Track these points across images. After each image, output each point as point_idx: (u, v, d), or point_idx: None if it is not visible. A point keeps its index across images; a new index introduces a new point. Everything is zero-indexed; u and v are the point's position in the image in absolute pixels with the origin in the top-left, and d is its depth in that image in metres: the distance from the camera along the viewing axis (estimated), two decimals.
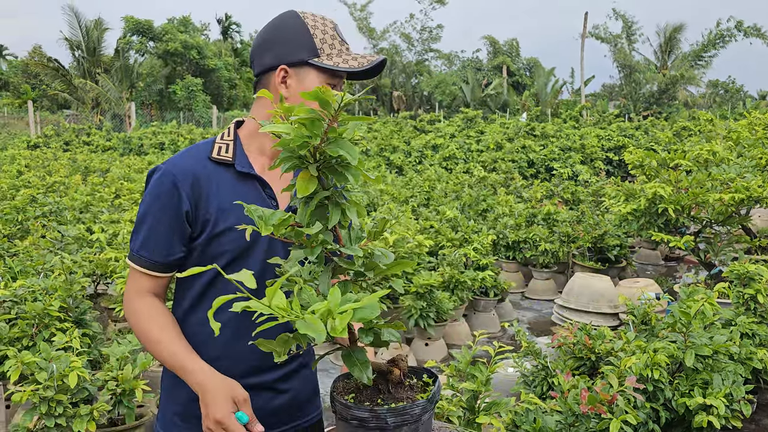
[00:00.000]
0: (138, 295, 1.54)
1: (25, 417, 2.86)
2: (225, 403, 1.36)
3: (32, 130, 23.13)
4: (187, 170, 1.49)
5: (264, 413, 1.59)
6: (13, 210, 6.67)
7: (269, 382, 1.60)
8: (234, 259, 1.51)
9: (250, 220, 1.51)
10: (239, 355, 1.55)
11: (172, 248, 1.51)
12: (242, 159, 1.55)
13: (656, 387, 3.00)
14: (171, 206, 1.48)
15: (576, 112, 19.63)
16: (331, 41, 1.55)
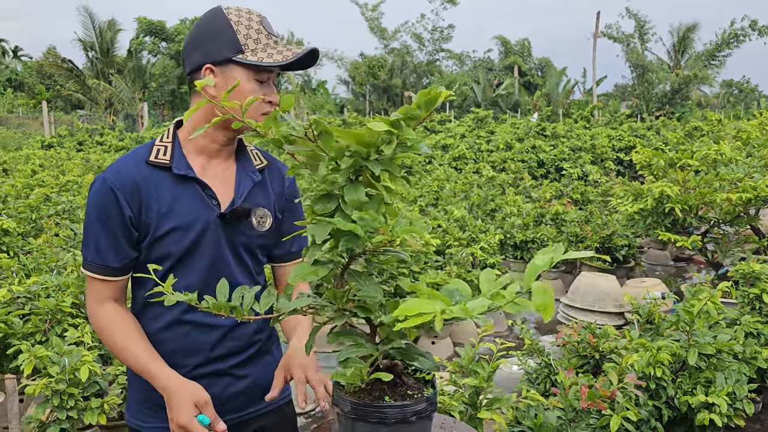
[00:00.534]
0: (98, 303, 1.58)
1: (37, 409, 2.93)
2: (187, 407, 1.42)
3: (46, 130, 23.38)
4: (125, 177, 1.52)
5: (224, 398, 1.65)
6: (27, 209, 6.79)
7: (225, 369, 1.66)
8: (179, 260, 1.56)
9: (192, 221, 1.56)
10: (191, 347, 1.61)
11: (122, 252, 1.55)
12: (180, 161, 1.56)
13: (659, 385, 3.03)
14: (114, 214, 1.51)
15: (587, 113, 19.58)
16: (256, 36, 1.53)
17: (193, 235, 1.54)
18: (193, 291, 1.55)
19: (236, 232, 1.61)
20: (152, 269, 1.56)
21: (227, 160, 1.65)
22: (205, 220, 1.56)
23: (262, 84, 1.54)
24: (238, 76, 1.51)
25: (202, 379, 1.59)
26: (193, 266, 1.57)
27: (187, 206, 1.55)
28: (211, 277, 1.57)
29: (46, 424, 2.94)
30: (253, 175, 1.65)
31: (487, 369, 2.69)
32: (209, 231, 1.56)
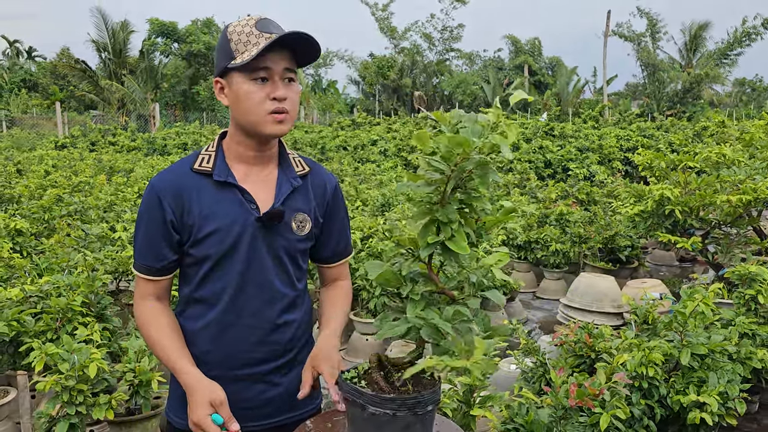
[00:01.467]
0: (141, 299, 1.70)
1: (48, 405, 3.04)
2: (202, 406, 1.49)
3: (60, 131, 23.64)
4: (170, 184, 1.63)
5: (257, 404, 1.72)
6: (39, 209, 6.92)
7: (260, 374, 1.71)
8: (218, 261, 1.64)
9: (230, 224, 1.65)
10: (227, 349, 1.68)
11: (163, 254, 1.65)
12: (221, 168, 1.65)
13: (651, 384, 3.09)
14: (158, 217, 1.62)
15: (596, 112, 19.55)
16: (246, 39, 1.56)
17: (231, 238, 1.62)
18: (229, 293, 1.66)
19: (275, 236, 1.66)
20: (192, 270, 1.68)
21: (268, 167, 1.71)
22: (243, 223, 1.62)
23: (263, 82, 1.58)
24: (236, 81, 1.58)
25: (237, 382, 1.68)
26: (231, 268, 1.64)
27: (226, 210, 1.62)
28: (248, 280, 1.66)
29: (56, 419, 3.06)
30: (294, 180, 1.71)
31: None
32: (247, 234, 1.63)
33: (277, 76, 1.58)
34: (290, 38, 1.56)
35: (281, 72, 1.58)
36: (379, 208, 7.75)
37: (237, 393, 1.68)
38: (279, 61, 1.58)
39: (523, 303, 6.63)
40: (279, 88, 1.58)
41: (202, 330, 1.68)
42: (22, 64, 53.19)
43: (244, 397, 1.70)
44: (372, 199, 7.90)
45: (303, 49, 1.62)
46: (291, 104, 1.62)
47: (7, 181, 9.82)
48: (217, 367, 1.67)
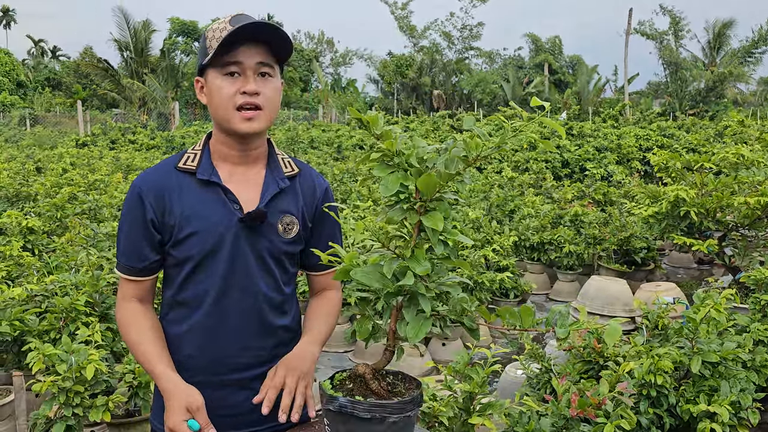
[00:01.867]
0: (123, 300, 1.66)
1: (44, 406, 3.02)
2: (178, 411, 1.45)
3: (81, 129, 23.91)
4: (151, 183, 1.60)
5: (242, 410, 1.66)
6: (52, 207, 6.96)
7: (245, 380, 1.65)
8: (200, 263, 1.59)
9: (213, 225, 1.59)
10: (211, 354, 1.63)
11: (144, 254, 1.61)
12: (205, 167, 1.61)
13: (660, 392, 2.99)
14: (138, 217, 1.59)
15: (616, 111, 19.28)
16: (219, 34, 1.52)
17: (213, 239, 1.57)
18: (212, 296, 1.60)
19: (259, 237, 1.61)
20: (174, 272, 1.63)
21: (255, 167, 1.67)
22: (226, 224, 1.58)
23: (233, 77, 1.54)
24: (210, 78, 1.56)
25: (221, 388, 1.63)
26: (214, 270, 1.59)
27: (209, 210, 1.58)
28: (231, 283, 1.61)
29: (53, 420, 3.04)
30: (281, 181, 1.65)
31: (481, 374, 2.69)
32: (230, 235, 1.58)
33: (249, 71, 1.54)
34: (257, 30, 1.52)
35: (254, 66, 1.54)
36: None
37: (221, 399, 1.64)
38: (251, 56, 1.54)
39: (536, 305, 6.52)
40: (250, 82, 1.54)
41: (186, 334, 1.64)
42: (46, 63, 54.01)
43: (228, 404, 1.65)
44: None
45: (275, 43, 1.57)
46: (265, 100, 1.56)
47: (25, 179, 9.92)
48: (201, 373, 1.63)
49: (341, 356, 5.22)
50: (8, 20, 65.73)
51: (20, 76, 44.41)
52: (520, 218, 7.25)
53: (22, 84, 44.33)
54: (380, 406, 1.27)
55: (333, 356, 5.18)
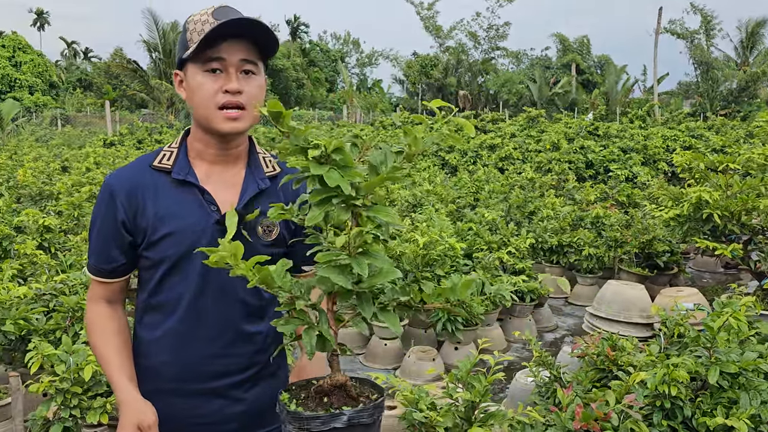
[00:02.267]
0: (91, 301, 1.61)
1: (42, 407, 2.99)
2: (128, 427, 1.41)
3: (109, 129, 24.24)
4: (124, 180, 1.53)
5: (216, 419, 1.60)
6: (70, 206, 7.00)
7: (220, 389, 1.58)
8: (175, 265, 1.52)
9: (189, 226, 1.52)
10: (185, 360, 1.56)
11: (113, 256, 1.55)
12: (181, 166, 1.54)
13: (674, 404, 2.85)
14: (109, 216, 1.52)
15: (644, 112, 18.90)
16: (201, 27, 1.46)
17: (188, 241, 1.50)
18: (186, 299, 1.53)
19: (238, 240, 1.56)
20: (148, 275, 1.56)
21: (235, 167, 1.60)
22: (203, 226, 1.51)
23: (215, 73, 1.47)
24: (191, 74, 1.49)
25: (195, 396, 1.57)
26: (189, 273, 1.52)
27: (184, 211, 1.51)
28: (207, 286, 1.53)
29: (51, 422, 3.01)
30: (261, 182, 1.59)
31: (484, 382, 2.58)
32: (206, 237, 1.51)
33: (232, 68, 1.47)
34: (241, 26, 1.44)
35: (237, 63, 1.47)
36: (408, 208, 7.60)
37: (195, 408, 1.57)
38: (234, 52, 1.46)
39: (554, 309, 6.37)
40: (232, 80, 1.47)
41: (160, 339, 1.57)
42: (78, 64, 55.02)
43: (202, 413, 1.58)
44: (401, 199, 7.74)
45: (260, 40, 1.49)
46: (248, 98, 1.49)
47: (49, 178, 10.04)
48: (175, 380, 1.56)
49: (352, 360, 5.15)
50: (42, 22, 67.14)
51: (53, 77, 45.30)
52: (538, 220, 7.09)
53: (54, 85, 45.22)
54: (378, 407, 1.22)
55: (343, 359, 5.10)
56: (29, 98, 39.75)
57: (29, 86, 41.79)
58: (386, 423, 3.13)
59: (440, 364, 4.69)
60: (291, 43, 42.43)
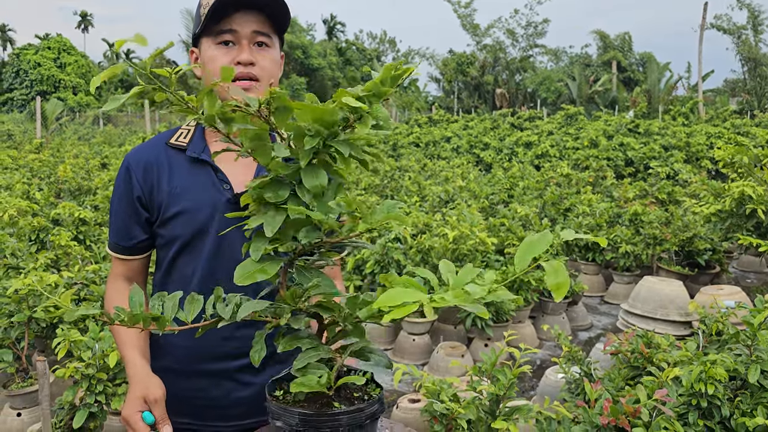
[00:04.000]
0: (111, 278, 1.61)
1: (68, 392, 3.02)
2: (135, 401, 1.37)
3: (148, 127, 24.72)
4: (140, 158, 1.53)
5: (225, 403, 1.58)
6: (105, 200, 7.12)
7: (228, 371, 1.56)
8: (187, 243, 1.51)
9: (201, 204, 1.49)
10: (195, 342, 1.53)
11: (131, 232, 1.55)
12: (197, 144, 1.53)
13: (711, 403, 2.72)
14: (126, 193, 1.53)
15: (687, 109, 18.39)
16: (211, 1, 1.45)
17: (201, 219, 1.49)
18: (196, 280, 1.52)
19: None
20: (162, 253, 1.56)
21: None
22: (214, 204, 1.49)
23: (228, 46, 1.46)
24: (206, 48, 1.48)
25: (203, 377, 1.55)
26: (201, 251, 1.51)
27: (197, 189, 1.50)
28: (218, 264, 1.52)
29: (76, 407, 3.03)
30: None
31: (509, 375, 2.50)
32: (217, 216, 1.50)
33: (244, 40, 1.46)
34: None
35: (249, 35, 1.46)
36: (439, 203, 7.51)
37: (203, 390, 1.56)
38: (246, 24, 1.45)
39: (589, 307, 6.21)
40: (244, 51, 1.45)
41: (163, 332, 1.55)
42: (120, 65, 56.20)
43: (211, 395, 1.57)
44: (433, 194, 7.66)
45: (275, 11, 1.47)
46: (261, 70, 1.48)
47: (88, 174, 10.26)
48: (185, 359, 1.55)
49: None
50: (86, 24, 68.92)
51: None
52: (573, 216, 6.93)
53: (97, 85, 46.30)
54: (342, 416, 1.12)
55: None
56: (73, 98, 40.86)
57: (73, 87, 42.95)
58: (410, 416, 3.07)
59: (469, 360, 4.61)
60: (327, 42, 42.62)
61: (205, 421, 1.58)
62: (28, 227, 5.78)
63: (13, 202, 6.69)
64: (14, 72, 42.33)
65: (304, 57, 35.93)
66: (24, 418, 3.59)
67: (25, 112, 34.89)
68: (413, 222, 5.86)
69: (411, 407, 3.14)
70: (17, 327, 3.69)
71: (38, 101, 20.77)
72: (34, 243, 5.76)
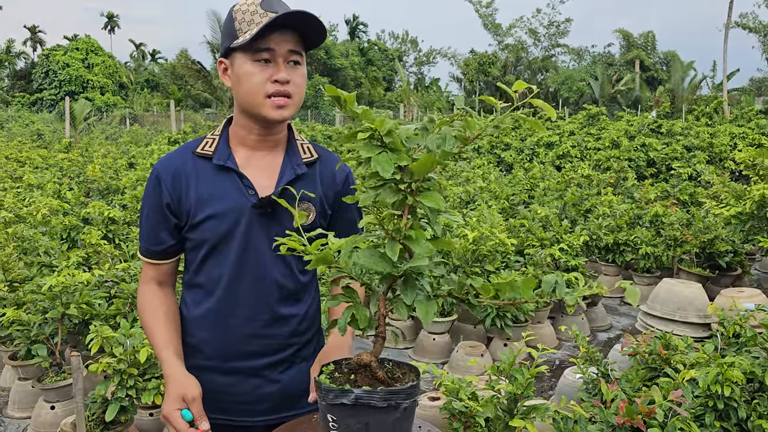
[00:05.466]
0: (143, 282, 1.68)
1: (100, 386, 3.15)
2: (173, 400, 1.46)
3: (173, 127, 25.04)
4: (169, 166, 1.60)
5: (252, 399, 1.65)
6: (133, 199, 7.29)
7: (255, 368, 1.63)
8: (214, 246, 1.58)
9: (227, 209, 1.58)
10: (223, 339, 1.62)
11: (160, 238, 1.62)
12: (222, 152, 1.60)
13: (728, 405, 2.75)
14: (156, 200, 1.60)
15: (710, 109, 18.17)
16: (250, 18, 1.49)
17: (227, 223, 1.57)
18: (225, 280, 1.60)
19: (274, 223, 1.59)
20: (192, 256, 1.64)
21: (273, 152, 1.65)
22: (240, 209, 1.57)
23: (266, 64, 1.50)
24: (238, 62, 1.52)
25: (232, 374, 1.63)
26: (227, 255, 1.59)
27: (223, 195, 1.58)
28: (244, 268, 1.59)
29: (108, 401, 3.15)
30: (297, 167, 1.63)
31: (527, 375, 2.56)
32: (244, 220, 1.57)
33: (280, 58, 1.50)
34: (293, 17, 1.47)
35: (285, 54, 1.51)
36: (460, 204, 7.56)
37: (231, 386, 1.63)
38: (283, 43, 1.50)
39: (609, 308, 6.22)
40: (281, 70, 1.50)
41: (200, 318, 1.64)
42: (146, 65, 57.05)
43: (238, 391, 1.64)
44: (454, 195, 7.72)
45: (309, 31, 1.53)
46: (294, 88, 1.53)
47: (116, 174, 10.47)
48: (214, 357, 1.63)
49: (401, 353, 5.17)
50: (113, 25, 69.89)
51: (122, 78, 47.13)
52: (594, 217, 6.94)
53: (123, 85, 47.05)
54: (394, 393, 1.20)
55: (392, 352, 5.13)
56: (100, 98, 41.50)
57: (100, 87, 43.62)
58: (429, 414, 3.15)
59: (488, 359, 4.66)
60: (349, 43, 42.79)
61: (234, 416, 1.65)
62: (60, 226, 5.95)
63: (45, 201, 6.88)
64: (44, 72, 43.14)
65: (326, 57, 36.10)
66: (57, 411, 3.72)
67: (54, 112, 35.52)
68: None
69: (431, 405, 3.21)
70: (51, 323, 3.82)
71: (67, 101, 21.16)
72: (66, 241, 5.94)
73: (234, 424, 1.66)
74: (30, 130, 25.11)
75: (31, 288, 4.02)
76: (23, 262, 4.96)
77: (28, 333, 3.81)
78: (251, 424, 1.67)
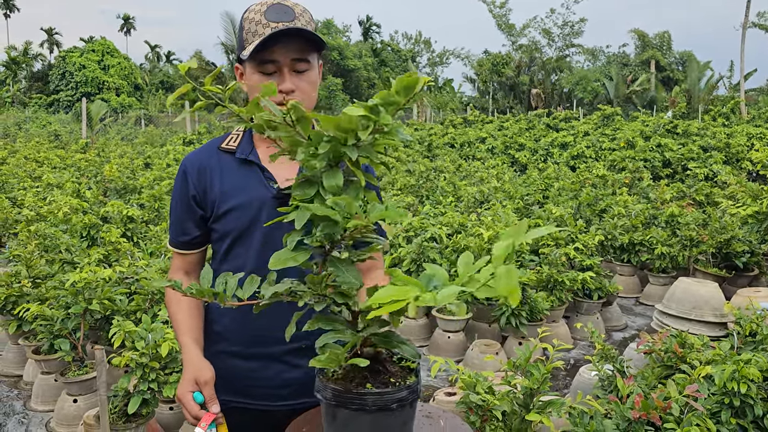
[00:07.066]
0: (171, 272, 1.76)
1: (123, 379, 3.21)
2: (187, 382, 1.52)
3: (188, 128, 25.23)
4: (195, 161, 1.69)
5: (275, 384, 1.69)
6: (151, 198, 7.38)
7: (277, 354, 1.68)
8: (239, 237, 1.65)
9: (249, 201, 1.63)
10: (246, 328, 1.68)
11: (188, 229, 1.70)
12: (245, 147, 1.67)
13: (745, 402, 2.77)
14: (183, 193, 1.68)
15: (727, 109, 18.04)
16: (255, 29, 1.56)
17: (250, 214, 1.63)
18: (247, 270, 1.65)
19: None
20: (217, 246, 1.71)
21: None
22: (262, 200, 1.63)
23: (270, 75, 1.57)
24: (248, 72, 1.60)
25: (257, 360, 1.68)
26: (250, 245, 1.65)
27: (246, 187, 1.65)
28: (267, 255, 1.63)
29: (131, 394, 3.22)
30: None
31: (542, 370, 2.59)
32: (265, 211, 1.63)
33: (285, 68, 1.57)
34: (288, 33, 1.53)
35: (289, 63, 1.57)
36: (474, 204, 7.58)
37: (255, 371, 1.69)
38: (286, 53, 1.56)
39: (624, 308, 6.22)
40: (286, 80, 1.57)
41: (226, 306, 1.70)
42: (161, 67, 57.47)
43: (261, 376, 1.69)
44: (468, 195, 7.74)
45: (311, 36, 1.57)
46: (301, 95, 1.60)
47: (132, 173, 10.59)
48: (237, 344, 1.69)
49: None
50: (128, 27, 70.50)
51: (137, 80, 47.54)
52: (609, 217, 6.94)
53: (138, 87, 47.45)
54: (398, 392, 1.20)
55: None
56: (116, 99, 41.89)
57: (116, 88, 44.04)
58: (445, 409, 3.18)
59: (503, 358, 4.68)
60: (363, 44, 42.88)
61: (256, 400, 1.70)
62: (80, 224, 6.05)
63: (66, 200, 6.99)
64: (60, 74, 43.64)
65: (340, 58, 36.18)
66: (80, 404, 3.80)
67: (71, 113, 35.90)
68: (449, 222, 5.95)
69: (447, 400, 3.25)
70: (74, 318, 3.90)
71: (84, 102, 21.39)
72: (86, 239, 6.03)
73: (252, 407, 1.70)
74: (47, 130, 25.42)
75: (54, 284, 4.11)
76: (45, 259, 5.06)
77: (51, 328, 3.88)
78: (273, 408, 1.71)
